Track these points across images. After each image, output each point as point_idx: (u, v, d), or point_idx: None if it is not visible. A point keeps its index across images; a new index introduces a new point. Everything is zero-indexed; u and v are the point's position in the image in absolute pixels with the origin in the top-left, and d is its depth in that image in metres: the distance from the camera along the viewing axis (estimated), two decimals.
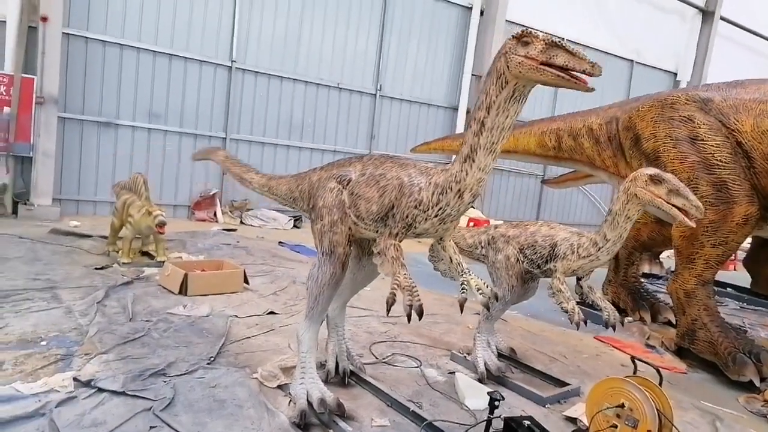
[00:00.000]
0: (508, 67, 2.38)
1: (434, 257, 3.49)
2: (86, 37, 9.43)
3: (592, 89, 2.24)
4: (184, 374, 3.64)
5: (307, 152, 12.12)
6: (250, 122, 11.37)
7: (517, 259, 4.10)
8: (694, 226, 3.43)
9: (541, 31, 2.38)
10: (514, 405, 3.78)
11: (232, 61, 10.86)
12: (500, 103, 2.47)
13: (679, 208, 3.33)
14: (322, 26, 11.76)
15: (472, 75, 13.66)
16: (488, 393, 3.24)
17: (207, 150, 4.43)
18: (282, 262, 7.57)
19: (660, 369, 3.47)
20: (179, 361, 3.83)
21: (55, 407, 3.04)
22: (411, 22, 12.91)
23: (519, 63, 2.33)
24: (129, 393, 3.27)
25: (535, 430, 2.99)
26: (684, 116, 5.28)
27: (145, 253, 6.85)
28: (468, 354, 4.42)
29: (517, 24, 13.23)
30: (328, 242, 3.16)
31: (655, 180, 3.41)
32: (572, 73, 2.23)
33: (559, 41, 2.26)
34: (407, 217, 2.84)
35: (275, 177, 3.94)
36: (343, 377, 3.77)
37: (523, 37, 2.34)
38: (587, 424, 3.25)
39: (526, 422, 3.04)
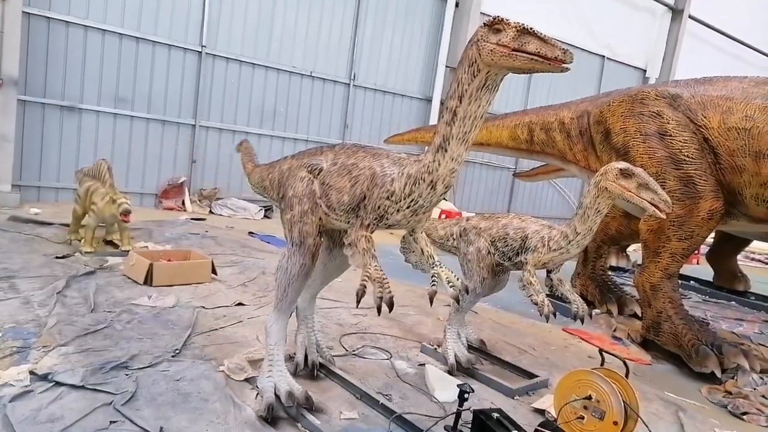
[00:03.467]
0: (480, 55, 2.35)
1: (406, 249, 3.46)
2: (48, 17, 9.06)
3: (567, 69, 2.22)
4: (148, 367, 3.53)
5: (278, 141, 11.94)
6: (220, 109, 11.13)
7: (488, 252, 4.09)
8: (664, 217, 3.48)
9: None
10: (483, 397, 3.79)
11: (202, 46, 10.59)
12: (472, 91, 2.44)
13: (648, 202, 3.38)
14: (295, 12, 11.56)
15: (447, 66, 13.63)
16: (458, 385, 3.23)
17: (240, 143, 4.35)
18: (251, 252, 7.45)
19: (626, 361, 3.51)
20: (142, 353, 3.72)
21: (9, 402, 2.91)
22: (386, 11, 12.79)
23: (491, 50, 2.30)
24: (89, 387, 3.16)
25: (504, 423, 2.99)
26: (653, 112, 5.35)
27: (109, 242, 6.65)
28: (438, 346, 4.41)
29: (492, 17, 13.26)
30: (298, 233, 3.10)
31: (625, 174, 3.44)
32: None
33: (531, 28, 2.24)
34: (379, 208, 2.79)
35: (256, 165, 3.88)
36: (312, 370, 3.71)
37: (495, 25, 2.31)
38: (555, 416, 3.28)
39: (495, 414, 3.04)
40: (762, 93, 4.90)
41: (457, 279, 2.96)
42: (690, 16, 17.91)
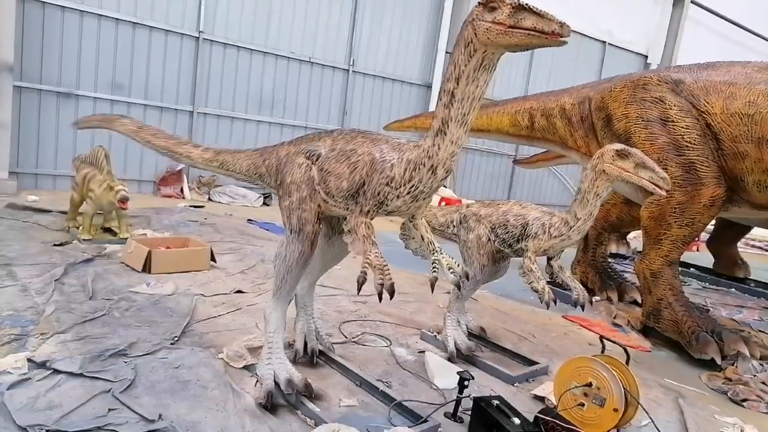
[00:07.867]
0: (476, 34, 2.32)
1: (406, 236, 3.43)
2: (43, 2, 8.94)
3: (565, 42, 2.18)
4: (146, 355, 3.52)
5: (277, 128, 11.87)
6: (218, 96, 11.05)
7: (489, 239, 4.06)
8: (664, 194, 3.46)
9: None
10: (483, 384, 3.78)
11: (199, 32, 10.48)
12: (469, 72, 2.40)
13: (647, 181, 3.34)
14: None
15: (447, 52, 13.51)
16: (458, 372, 3.23)
17: (102, 117, 3.98)
18: (250, 239, 7.43)
19: (627, 348, 3.50)
20: (141, 341, 3.70)
21: (7, 389, 2.89)
22: None
23: (487, 29, 2.26)
24: (87, 374, 3.14)
25: (504, 410, 2.98)
26: (655, 97, 5.30)
27: (107, 230, 6.62)
28: (438, 333, 4.40)
29: None
30: (296, 220, 3.06)
31: (621, 155, 3.41)
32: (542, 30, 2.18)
33: (526, 4, 2.20)
34: (378, 194, 2.76)
35: (227, 151, 3.66)
36: (311, 357, 3.70)
37: (490, 3, 2.27)
38: (555, 403, 3.27)
39: (495, 402, 3.04)
40: (765, 78, 4.84)
41: (458, 265, 2.93)
42: (692, 2, 17.75)
